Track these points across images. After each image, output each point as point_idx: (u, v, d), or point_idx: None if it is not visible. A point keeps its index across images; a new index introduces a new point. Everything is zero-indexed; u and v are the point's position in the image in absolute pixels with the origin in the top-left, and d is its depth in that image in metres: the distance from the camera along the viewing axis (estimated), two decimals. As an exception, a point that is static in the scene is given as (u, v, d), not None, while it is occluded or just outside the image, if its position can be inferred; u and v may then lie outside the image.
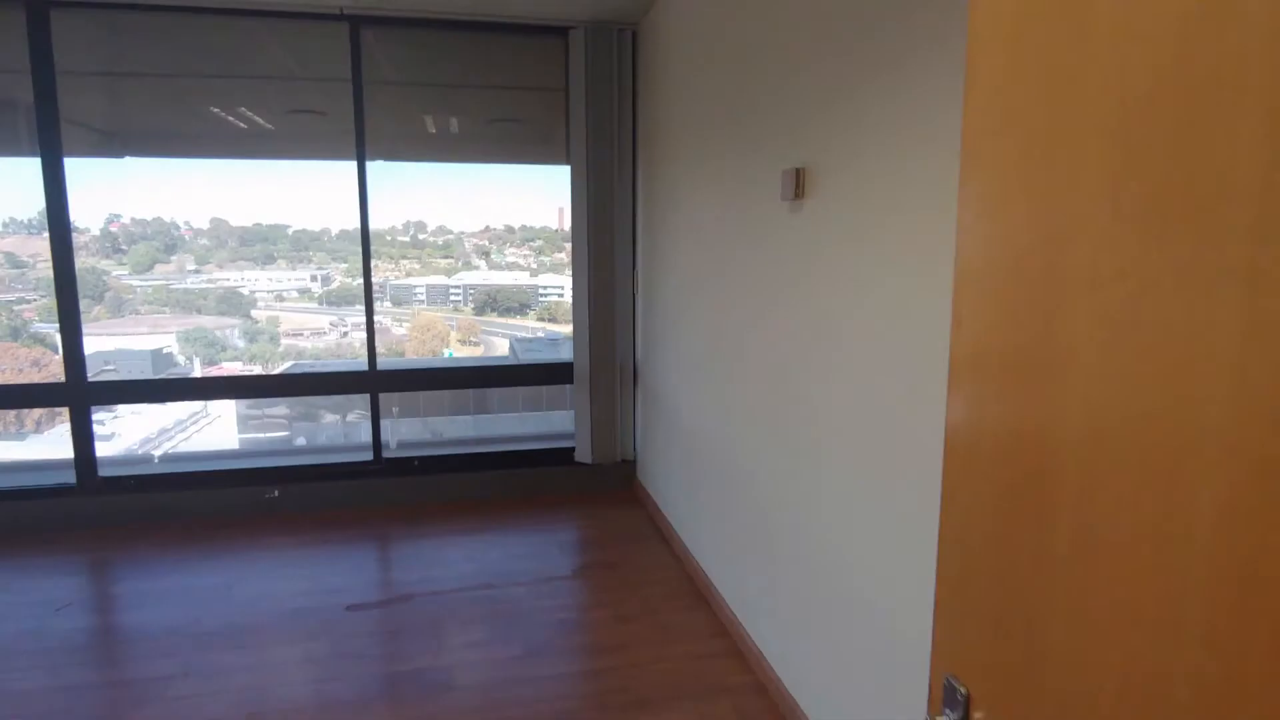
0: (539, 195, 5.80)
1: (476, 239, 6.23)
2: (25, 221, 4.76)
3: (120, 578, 3.50)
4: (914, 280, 1.68)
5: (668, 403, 3.78)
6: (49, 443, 4.66)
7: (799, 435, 2.28)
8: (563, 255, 6.21)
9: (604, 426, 4.34)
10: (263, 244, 5.93)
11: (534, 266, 6.14)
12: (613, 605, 3.16)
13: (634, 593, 3.26)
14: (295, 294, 6.08)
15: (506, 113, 4.59)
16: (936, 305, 1.59)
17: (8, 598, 3.21)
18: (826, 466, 2.10)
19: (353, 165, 4.04)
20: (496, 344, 6.49)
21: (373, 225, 4.12)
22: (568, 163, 4.25)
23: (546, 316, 6.36)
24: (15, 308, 5.09)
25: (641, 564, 3.54)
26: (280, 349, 6.23)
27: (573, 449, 4.43)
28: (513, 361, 6.13)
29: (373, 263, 4.12)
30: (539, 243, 6.17)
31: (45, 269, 3.91)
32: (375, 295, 4.16)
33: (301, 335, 6.28)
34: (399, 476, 4.26)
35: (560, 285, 6.27)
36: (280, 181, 5.50)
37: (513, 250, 6.20)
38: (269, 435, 5.76)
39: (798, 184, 2.28)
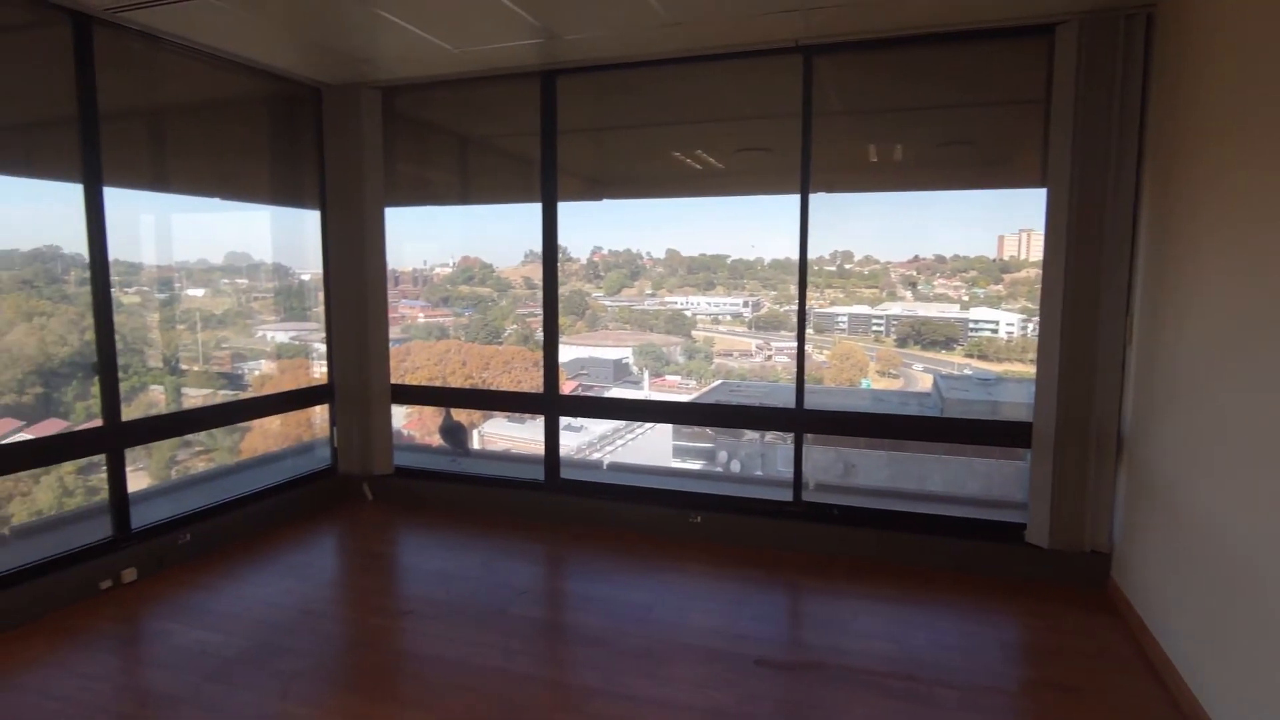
0: (976, 222, 5.00)
1: (903, 268, 5.67)
2: (538, 253, 5.55)
3: (566, 575, 3.66)
4: None
5: (1181, 492, 2.63)
6: (539, 428, 5.30)
7: None
8: (999, 288, 5.30)
9: (1069, 505, 3.27)
10: (705, 272, 6.23)
11: (964, 299, 5.36)
12: (1081, 756, 2.26)
13: (1112, 745, 2.30)
14: (729, 318, 6.25)
15: (959, 134, 3.87)
16: None
17: (490, 578, 3.53)
18: None
19: (789, 198, 3.73)
20: (917, 378, 5.82)
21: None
22: (1041, 184, 3.33)
23: (975, 353, 5.51)
24: (527, 320, 6.01)
25: (1118, 700, 2.50)
26: (712, 367, 6.49)
27: (1022, 524, 3.47)
28: (938, 403, 5.33)
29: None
30: (972, 274, 5.37)
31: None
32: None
33: (731, 356, 6.47)
34: (816, 523, 3.78)
35: (994, 320, 5.41)
36: (723, 215, 5.65)
37: (942, 281, 5.51)
38: (696, 444, 5.94)
39: None
